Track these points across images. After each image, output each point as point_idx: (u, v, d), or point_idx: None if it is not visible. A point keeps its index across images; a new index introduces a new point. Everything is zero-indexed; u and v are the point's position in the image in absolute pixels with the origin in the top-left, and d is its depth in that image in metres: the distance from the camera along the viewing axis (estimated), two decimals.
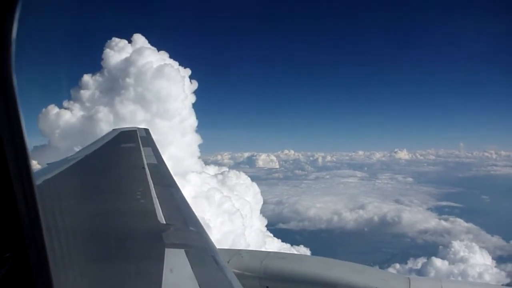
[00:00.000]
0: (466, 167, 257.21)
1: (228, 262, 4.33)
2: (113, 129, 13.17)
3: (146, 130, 12.70)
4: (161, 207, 4.14)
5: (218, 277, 2.64)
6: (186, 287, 2.30)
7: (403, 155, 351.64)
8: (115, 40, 47.18)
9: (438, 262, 68.01)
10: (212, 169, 52.69)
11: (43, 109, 44.44)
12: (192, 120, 46.00)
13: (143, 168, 6.44)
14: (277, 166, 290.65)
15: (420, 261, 74.62)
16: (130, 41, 46.89)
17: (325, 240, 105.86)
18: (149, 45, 47.05)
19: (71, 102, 44.24)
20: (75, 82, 45.89)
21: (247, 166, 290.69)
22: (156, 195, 4.63)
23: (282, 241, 56.18)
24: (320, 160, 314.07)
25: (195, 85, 48.36)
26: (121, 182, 5.98)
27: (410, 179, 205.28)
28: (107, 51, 45.60)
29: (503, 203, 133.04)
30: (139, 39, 47.34)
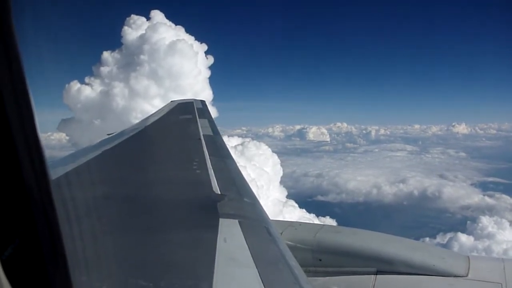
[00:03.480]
0: None
1: (281, 233, 4.29)
2: (171, 101, 13.52)
3: (203, 102, 12.87)
4: (216, 177, 4.16)
5: (270, 248, 2.63)
6: (239, 257, 2.31)
7: (461, 129, 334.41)
8: (133, 17, 50.60)
9: (463, 237, 67.52)
10: (235, 141, 54.58)
11: (67, 85, 48.82)
12: (206, 94, 49.00)
13: (199, 139, 6.56)
14: (328, 139, 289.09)
15: (448, 236, 74.11)
16: (148, 18, 49.85)
17: (361, 213, 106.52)
18: (166, 21, 49.99)
19: (92, 78, 48.80)
20: (98, 59, 49.68)
21: (298, 138, 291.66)
22: (212, 166, 4.70)
23: (308, 211, 58.23)
24: (373, 133, 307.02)
25: (210, 60, 51.91)
26: (178, 153, 6.17)
27: (462, 154, 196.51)
28: (125, 28, 49.40)
29: None
30: (157, 15, 50.54)
